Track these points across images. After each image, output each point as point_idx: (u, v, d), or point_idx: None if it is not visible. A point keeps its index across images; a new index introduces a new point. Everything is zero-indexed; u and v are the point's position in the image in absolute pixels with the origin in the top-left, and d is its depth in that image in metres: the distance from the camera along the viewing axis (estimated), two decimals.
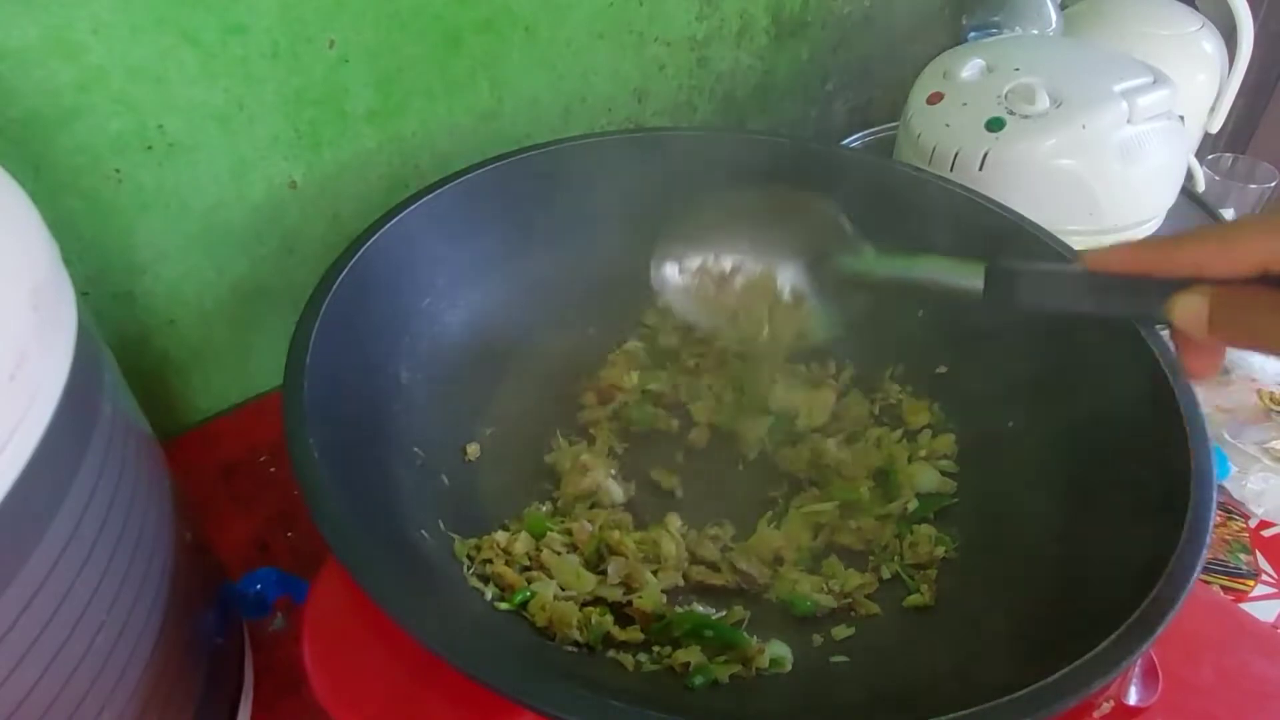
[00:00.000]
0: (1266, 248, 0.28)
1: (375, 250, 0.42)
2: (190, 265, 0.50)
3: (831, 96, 0.81)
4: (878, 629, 0.40)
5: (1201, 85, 0.71)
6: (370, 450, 0.39)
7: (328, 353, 0.37)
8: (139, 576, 0.29)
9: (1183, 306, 0.30)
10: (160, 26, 0.42)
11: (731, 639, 0.38)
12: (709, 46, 0.68)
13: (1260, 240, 0.28)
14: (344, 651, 0.32)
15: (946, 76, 0.61)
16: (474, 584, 0.38)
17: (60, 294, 0.26)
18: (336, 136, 0.51)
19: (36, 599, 0.24)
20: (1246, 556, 0.52)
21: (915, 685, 0.35)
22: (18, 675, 0.24)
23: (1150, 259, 0.31)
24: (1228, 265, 0.29)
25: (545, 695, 0.26)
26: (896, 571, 0.42)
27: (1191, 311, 0.30)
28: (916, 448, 0.47)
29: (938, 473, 0.46)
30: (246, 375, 0.57)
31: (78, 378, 0.25)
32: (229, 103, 0.46)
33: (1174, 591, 0.29)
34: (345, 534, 0.30)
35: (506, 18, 0.55)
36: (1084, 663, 0.28)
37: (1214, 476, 0.33)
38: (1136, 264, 0.31)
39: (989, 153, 0.56)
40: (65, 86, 0.41)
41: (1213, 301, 0.29)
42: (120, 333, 0.50)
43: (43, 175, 0.42)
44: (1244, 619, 0.46)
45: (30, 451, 0.23)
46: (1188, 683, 0.42)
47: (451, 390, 0.46)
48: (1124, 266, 0.32)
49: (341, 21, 0.48)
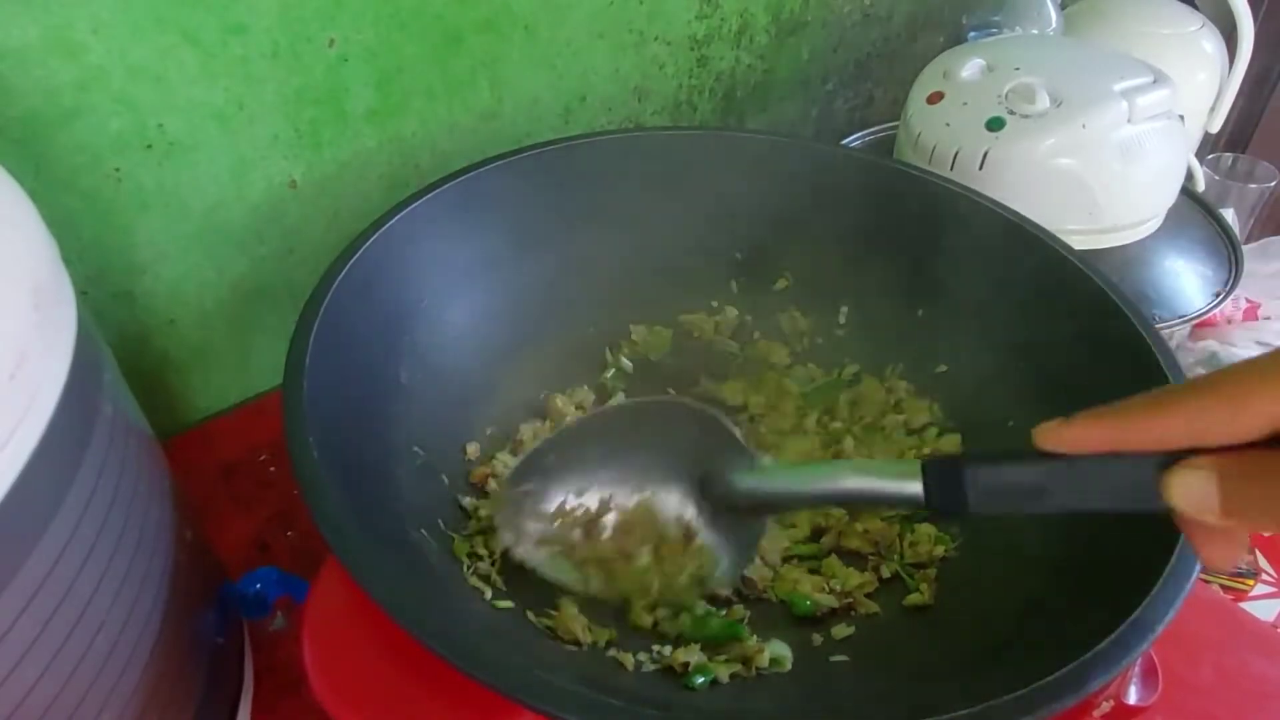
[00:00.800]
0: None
1: (375, 250, 0.42)
2: (190, 265, 0.50)
3: (831, 96, 0.81)
4: (878, 628, 0.40)
5: (1201, 85, 0.71)
6: (370, 450, 0.39)
7: (327, 352, 0.37)
8: (139, 576, 0.29)
9: (1184, 489, 0.23)
10: (160, 26, 0.42)
11: (731, 632, 0.38)
12: (709, 46, 0.68)
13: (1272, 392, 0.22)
14: (344, 651, 0.31)
15: (946, 76, 0.61)
16: (474, 583, 0.38)
17: (60, 293, 0.26)
18: (336, 136, 0.51)
19: (36, 598, 0.24)
20: (1246, 556, 0.52)
21: (915, 684, 0.35)
22: (17, 675, 0.24)
23: (1129, 434, 0.24)
24: (1235, 430, 0.22)
25: (545, 694, 0.26)
26: (896, 571, 0.42)
27: (1197, 494, 0.23)
28: (921, 444, 0.47)
29: None
30: (246, 375, 0.57)
31: (78, 377, 0.25)
32: (229, 102, 0.46)
33: (1174, 591, 0.29)
34: (345, 533, 0.30)
35: (507, 17, 0.55)
36: (1083, 662, 0.28)
37: None
38: (1111, 443, 0.25)
39: (989, 152, 0.56)
40: (65, 86, 0.41)
41: (1221, 476, 0.23)
42: (120, 332, 0.50)
43: (43, 174, 0.42)
44: (1244, 618, 0.46)
45: (30, 451, 0.23)
46: (1187, 682, 0.42)
47: (451, 390, 0.46)
48: (1094, 446, 0.25)
49: (341, 21, 0.48)
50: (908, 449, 0.47)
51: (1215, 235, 0.65)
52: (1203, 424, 0.23)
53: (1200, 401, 0.23)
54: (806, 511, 0.45)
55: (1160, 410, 0.24)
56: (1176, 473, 0.23)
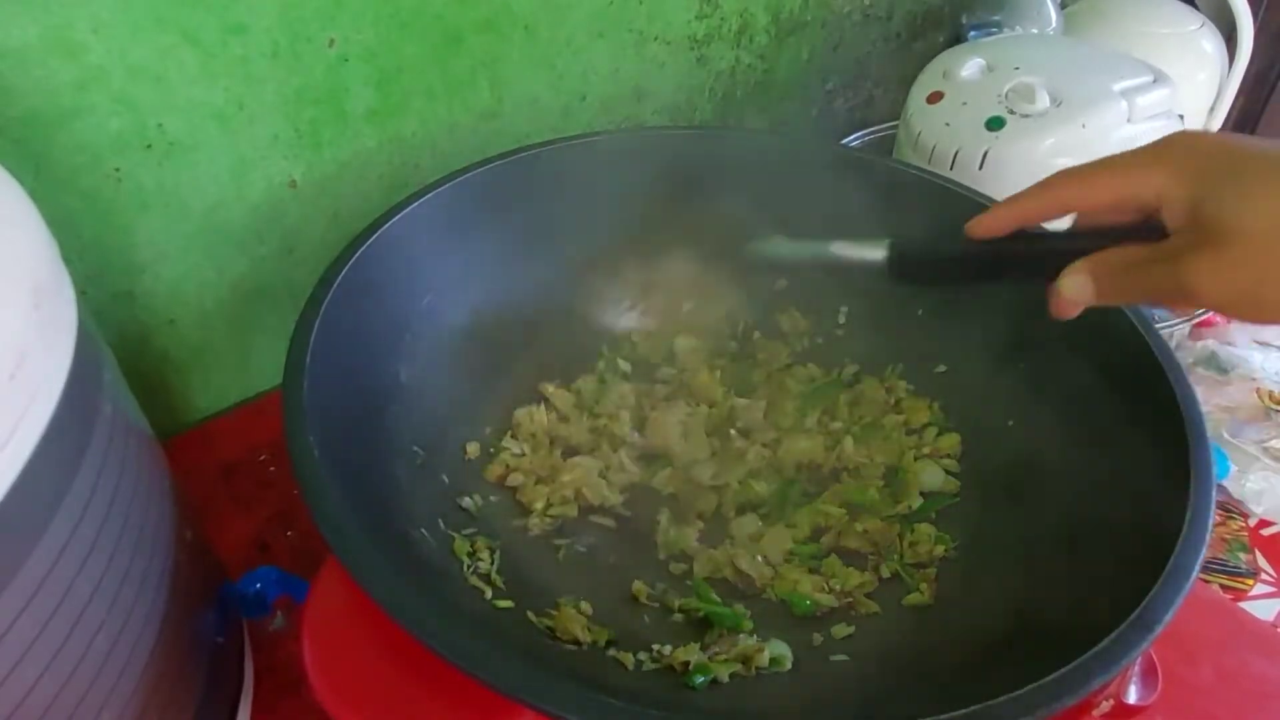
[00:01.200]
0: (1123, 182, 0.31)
1: (375, 250, 0.42)
2: (190, 264, 0.50)
3: (831, 96, 0.81)
4: (877, 628, 0.40)
5: (1201, 84, 0.71)
6: (370, 449, 0.39)
7: (327, 352, 0.37)
8: (139, 576, 0.29)
9: (1070, 282, 0.33)
10: (160, 26, 0.42)
11: (729, 620, 0.38)
12: (709, 46, 0.68)
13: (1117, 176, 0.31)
14: (344, 651, 0.32)
15: (946, 76, 0.61)
16: (474, 583, 0.38)
17: (60, 293, 0.26)
18: (336, 136, 0.51)
19: (36, 598, 0.24)
20: (1246, 555, 0.52)
21: (915, 684, 0.35)
22: (18, 674, 0.24)
23: (1026, 210, 0.34)
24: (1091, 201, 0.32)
25: (545, 693, 0.26)
26: (896, 571, 0.42)
27: (1079, 288, 0.32)
28: (921, 444, 0.47)
29: (942, 471, 0.46)
30: (246, 375, 0.57)
31: (77, 377, 0.25)
32: (229, 102, 0.46)
33: (1173, 590, 0.29)
34: (345, 533, 0.30)
35: (506, 17, 0.55)
36: (1084, 661, 0.28)
37: (1213, 475, 0.33)
38: (1016, 219, 0.34)
39: (989, 152, 0.56)
40: (65, 85, 0.41)
41: (1093, 275, 0.32)
42: (120, 332, 0.50)
43: (43, 174, 0.42)
44: (1243, 618, 0.47)
45: (30, 450, 0.23)
46: (1187, 681, 0.42)
47: (451, 389, 0.46)
48: (1007, 224, 0.34)
49: (341, 21, 0.48)
50: (908, 448, 0.47)
51: None
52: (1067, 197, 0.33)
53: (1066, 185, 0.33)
54: (807, 512, 0.45)
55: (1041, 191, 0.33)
56: (1064, 275, 0.32)
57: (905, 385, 0.50)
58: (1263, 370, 0.61)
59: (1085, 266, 0.32)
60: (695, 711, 0.35)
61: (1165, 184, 0.30)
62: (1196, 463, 0.33)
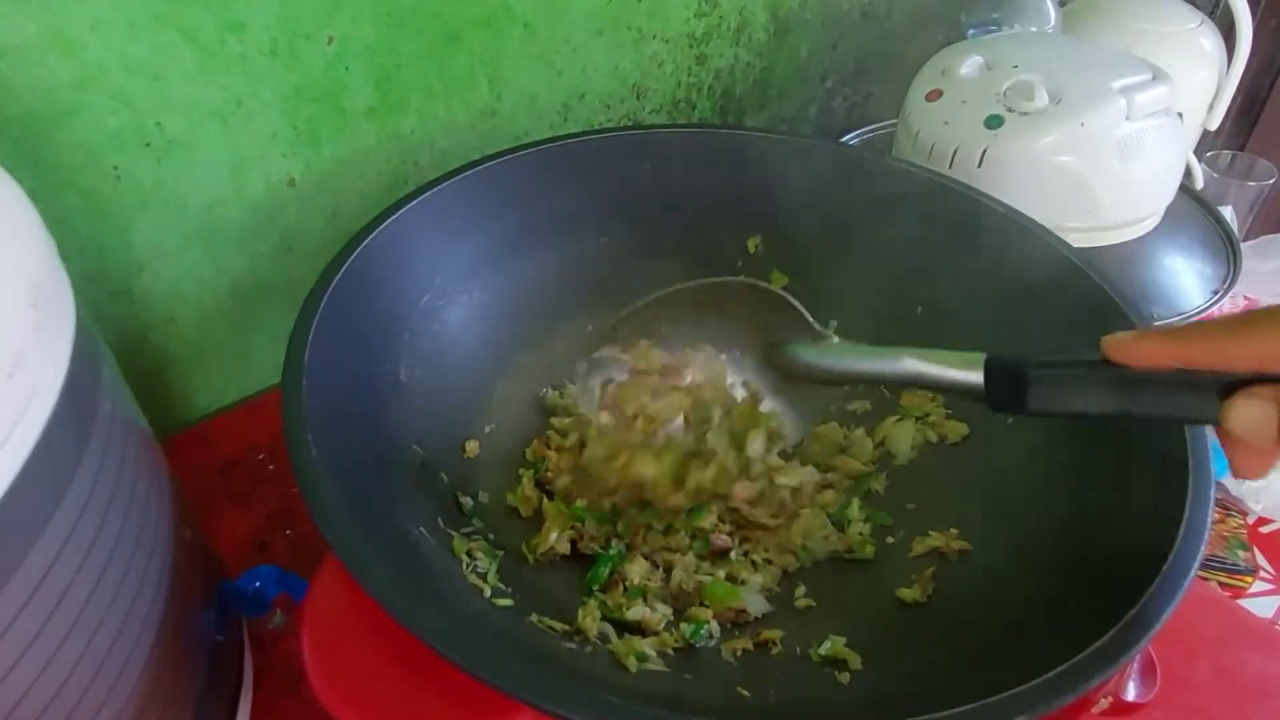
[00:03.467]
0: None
1: (374, 247, 0.42)
2: (189, 263, 0.50)
3: (830, 93, 0.81)
4: (877, 627, 0.40)
5: (1200, 82, 0.71)
6: (369, 447, 0.39)
7: (326, 350, 0.37)
8: (138, 574, 0.29)
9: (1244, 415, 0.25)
10: (158, 23, 0.42)
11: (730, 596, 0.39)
12: (708, 43, 0.68)
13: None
14: (343, 649, 0.31)
15: (945, 74, 0.61)
16: (473, 581, 0.38)
17: (59, 292, 0.26)
18: (335, 134, 0.51)
19: (35, 596, 0.24)
20: (1244, 553, 0.52)
21: (914, 682, 0.35)
22: (17, 673, 0.24)
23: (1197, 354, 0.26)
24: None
25: (545, 691, 0.26)
26: (895, 568, 0.42)
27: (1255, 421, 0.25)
28: (926, 428, 0.47)
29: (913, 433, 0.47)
30: (245, 373, 0.57)
31: (76, 375, 0.25)
32: (227, 100, 0.46)
33: (1172, 587, 0.29)
34: (344, 531, 0.30)
35: (505, 14, 0.55)
36: (1082, 658, 0.28)
37: (1212, 473, 0.33)
38: (1179, 359, 0.27)
39: (988, 150, 0.56)
40: (63, 84, 0.41)
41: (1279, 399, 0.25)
42: (119, 330, 0.49)
43: (41, 172, 0.42)
44: (1242, 615, 0.47)
45: (29, 449, 0.23)
46: (1186, 679, 0.42)
47: (450, 387, 0.46)
48: (1162, 362, 0.27)
49: (340, 18, 0.48)
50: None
51: (1214, 233, 0.65)
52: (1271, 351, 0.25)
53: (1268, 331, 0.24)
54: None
55: (1229, 337, 0.25)
56: (1239, 399, 0.25)
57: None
58: None
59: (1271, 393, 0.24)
60: (695, 708, 0.35)
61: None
62: (1195, 460, 0.33)
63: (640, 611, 0.39)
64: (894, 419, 0.48)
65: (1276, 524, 0.54)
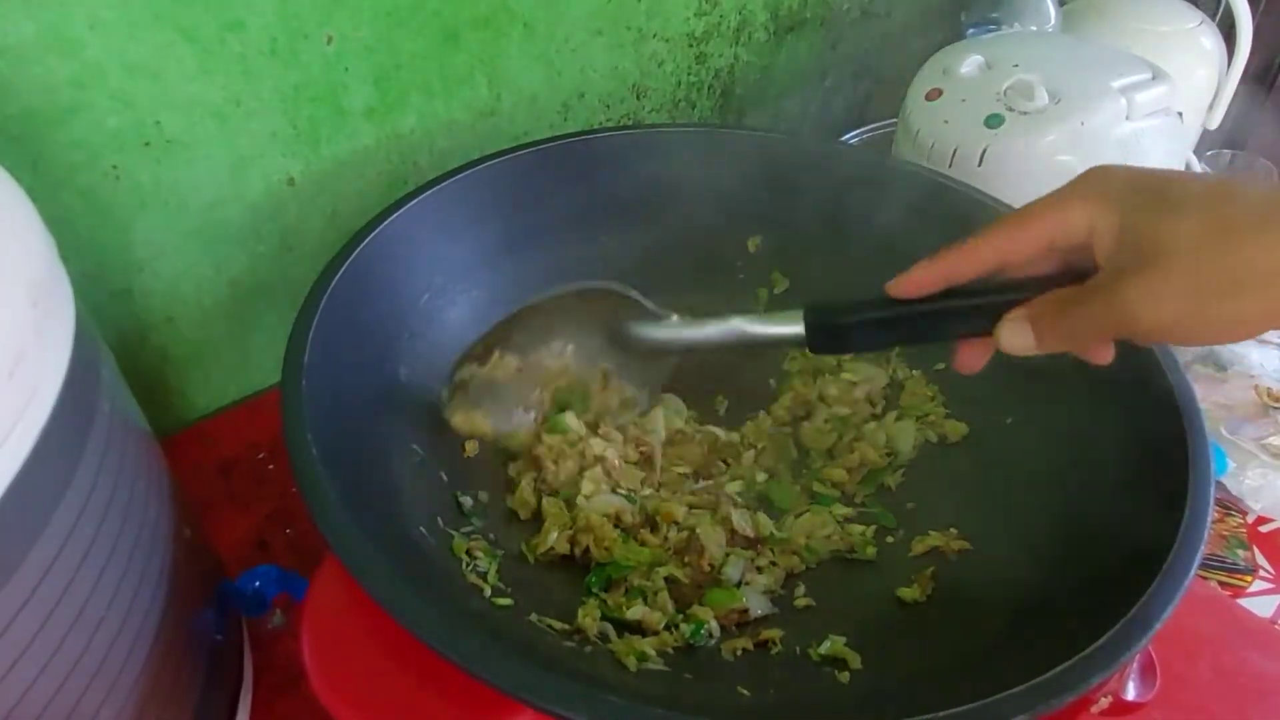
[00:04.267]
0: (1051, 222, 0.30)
1: (373, 247, 0.42)
2: (188, 262, 0.50)
3: (830, 93, 0.81)
4: (876, 627, 0.40)
5: (1200, 81, 0.71)
6: (369, 447, 0.39)
7: (326, 350, 0.37)
8: (138, 574, 0.29)
9: (1009, 336, 0.31)
10: (157, 23, 0.42)
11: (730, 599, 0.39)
12: (708, 43, 0.67)
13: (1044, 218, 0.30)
14: (343, 648, 0.31)
15: (945, 73, 0.61)
16: (473, 580, 0.38)
17: (58, 291, 0.26)
18: (334, 133, 0.51)
19: (35, 596, 0.24)
20: (1244, 552, 0.52)
21: (914, 682, 0.35)
22: (17, 672, 0.24)
23: (952, 269, 0.32)
24: (1022, 249, 0.31)
25: (545, 691, 0.26)
26: (895, 566, 0.42)
27: (1018, 338, 0.31)
28: (926, 427, 0.47)
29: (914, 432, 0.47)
30: (245, 372, 0.57)
31: (76, 375, 0.25)
32: (227, 99, 0.46)
33: (1172, 587, 0.29)
34: (343, 531, 0.30)
35: (505, 14, 0.54)
36: (1082, 658, 0.28)
37: (1212, 472, 0.33)
38: (943, 278, 0.32)
39: (988, 149, 0.56)
40: (62, 83, 0.41)
41: (1031, 316, 0.31)
42: (118, 330, 0.49)
43: (40, 172, 0.42)
44: (1241, 614, 0.47)
45: (28, 449, 0.23)
46: (1185, 678, 0.42)
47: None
48: (933, 284, 0.32)
49: (339, 18, 0.48)
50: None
51: None
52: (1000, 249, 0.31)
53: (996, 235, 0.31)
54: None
55: (973, 246, 0.32)
56: (1003, 325, 0.31)
57: (905, 370, 0.50)
58: (1261, 367, 0.62)
59: (1022, 313, 0.31)
60: (697, 708, 0.35)
61: (1094, 213, 0.29)
62: (1195, 459, 0.33)
63: (640, 611, 0.39)
64: (894, 416, 0.48)
65: (1276, 523, 0.54)
